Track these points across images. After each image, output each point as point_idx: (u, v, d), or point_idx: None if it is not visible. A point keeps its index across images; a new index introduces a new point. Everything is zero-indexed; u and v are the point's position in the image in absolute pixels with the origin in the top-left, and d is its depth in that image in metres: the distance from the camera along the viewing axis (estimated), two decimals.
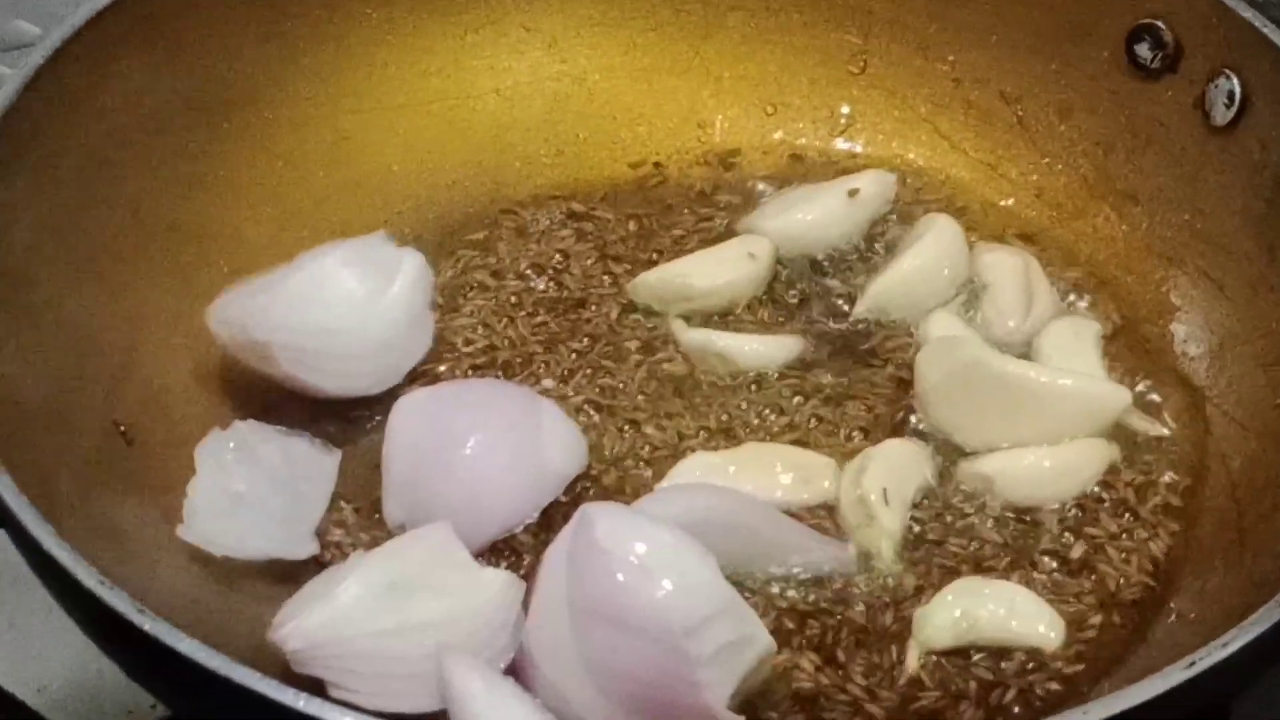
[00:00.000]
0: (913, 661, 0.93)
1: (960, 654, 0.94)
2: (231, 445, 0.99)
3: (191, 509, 0.96)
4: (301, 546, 0.96)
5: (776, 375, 1.07)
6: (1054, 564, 0.98)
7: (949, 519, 1.00)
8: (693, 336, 1.08)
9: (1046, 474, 1.01)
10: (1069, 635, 0.94)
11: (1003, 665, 0.93)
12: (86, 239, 1.00)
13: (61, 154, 0.99)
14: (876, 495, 0.98)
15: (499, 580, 0.90)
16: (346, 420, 1.04)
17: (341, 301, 1.02)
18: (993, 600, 0.94)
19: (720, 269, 1.11)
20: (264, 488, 0.98)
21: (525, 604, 0.89)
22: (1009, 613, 0.94)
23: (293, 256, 1.05)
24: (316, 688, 0.85)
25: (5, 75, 0.98)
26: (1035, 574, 0.97)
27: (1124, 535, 1.00)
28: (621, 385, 1.06)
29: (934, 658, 0.93)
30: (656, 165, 1.21)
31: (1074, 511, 1.00)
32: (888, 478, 0.99)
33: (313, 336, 1.01)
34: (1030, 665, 0.93)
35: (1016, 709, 0.91)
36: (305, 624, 0.86)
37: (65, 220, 0.99)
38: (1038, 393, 1.02)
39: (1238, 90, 1.06)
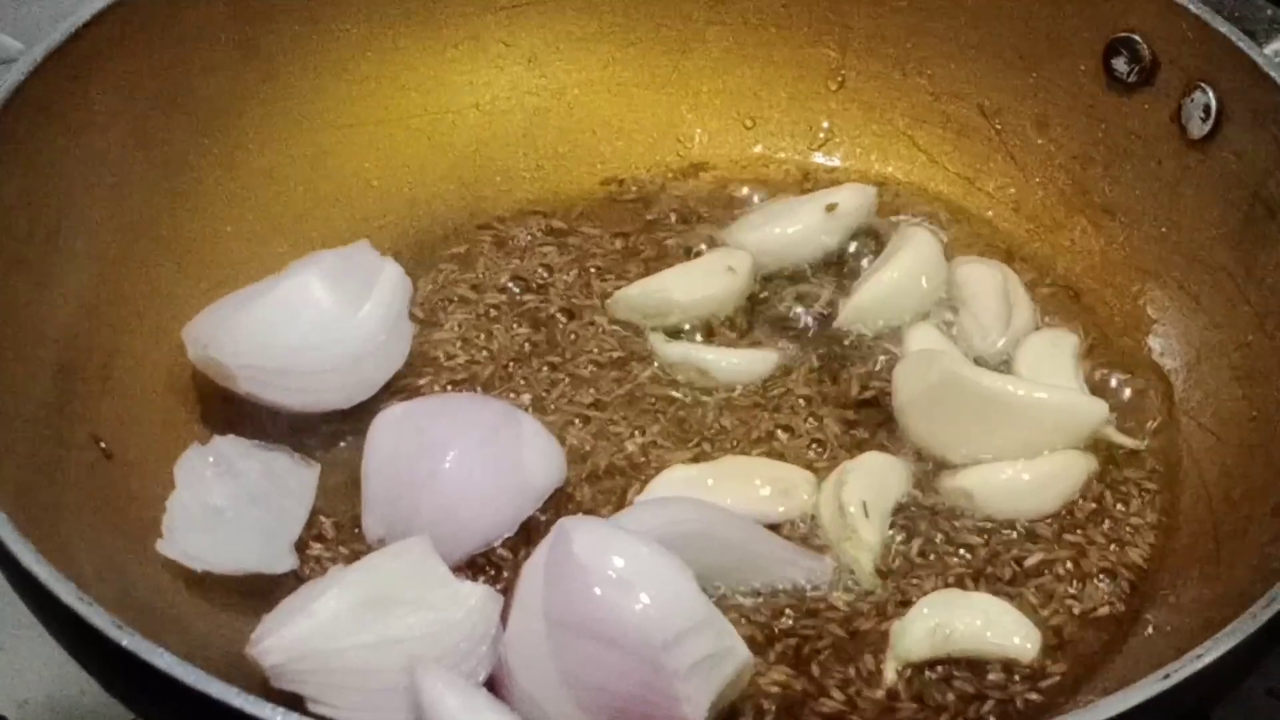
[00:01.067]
0: (890, 674, 0.93)
1: (939, 666, 0.94)
2: (211, 460, 0.99)
3: (171, 524, 0.96)
4: (281, 561, 0.96)
5: (755, 388, 1.07)
6: (1031, 576, 0.98)
7: (927, 532, 1.00)
8: (672, 350, 1.09)
9: (1025, 487, 1.01)
10: (1045, 647, 0.94)
11: (980, 677, 0.93)
12: (66, 252, 1.00)
13: (40, 168, 0.99)
14: (856, 508, 0.98)
15: (477, 594, 0.90)
16: (326, 435, 1.04)
17: (312, 318, 1.02)
18: (969, 612, 0.95)
19: (699, 283, 1.11)
20: (243, 502, 0.98)
21: (503, 618, 0.89)
22: (985, 624, 0.94)
23: (273, 271, 1.05)
24: (295, 702, 0.85)
25: None
26: (1012, 586, 0.98)
27: (1101, 547, 1.00)
28: (601, 399, 1.07)
29: (912, 670, 0.94)
30: (635, 179, 1.21)
31: (1051, 524, 1.01)
32: (867, 491, 0.99)
33: (275, 356, 1.01)
34: (1007, 677, 0.93)
35: (995, 718, 0.92)
36: (283, 639, 0.86)
37: (45, 233, 0.99)
38: (1015, 406, 1.02)
39: (1214, 104, 1.07)
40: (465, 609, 0.89)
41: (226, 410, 1.02)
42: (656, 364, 1.08)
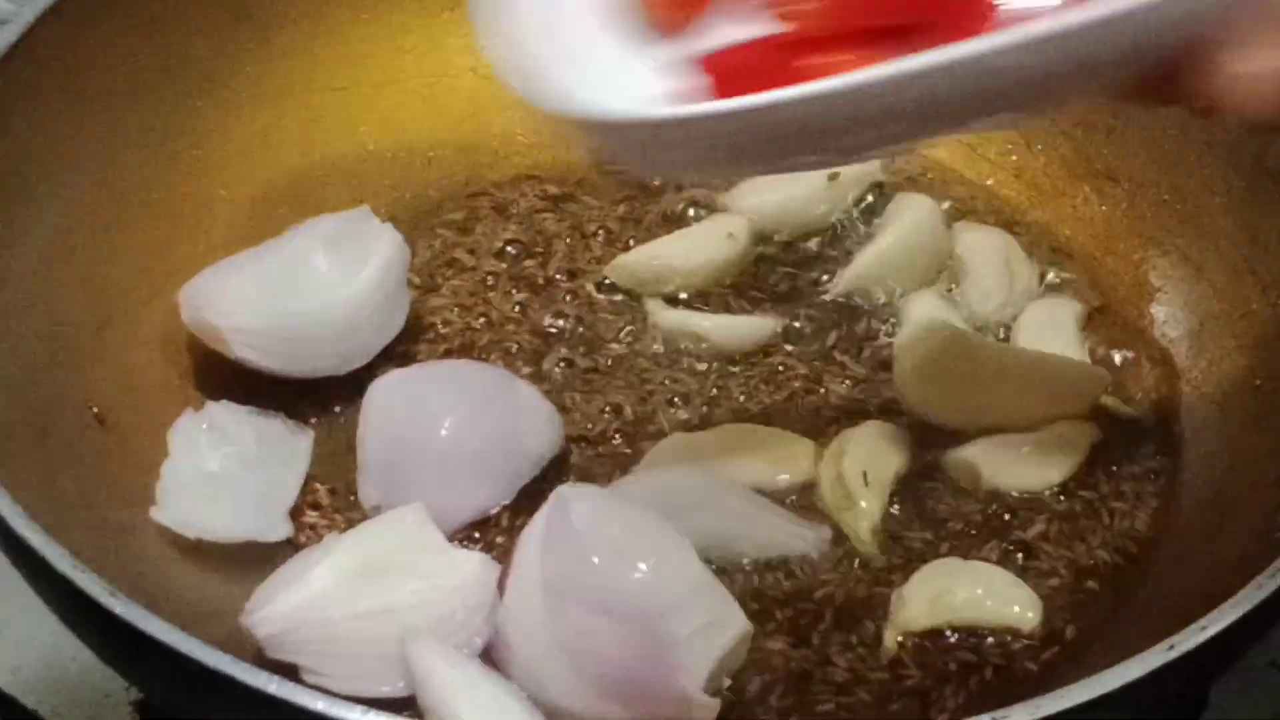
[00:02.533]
0: (891, 643, 0.93)
1: (940, 635, 0.93)
2: (205, 426, 0.98)
3: (165, 490, 0.95)
4: (275, 529, 0.96)
5: (755, 356, 1.07)
6: (1032, 545, 0.98)
7: (928, 501, 0.99)
8: (670, 317, 1.08)
9: (1027, 458, 1.00)
10: (1047, 616, 0.94)
11: (981, 646, 0.93)
12: (58, 216, 0.99)
13: (33, 131, 0.99)
14: (856, 477, 0.98)
15: (473, 562, 0.89)
16: (321, 401, 1.03)
17: (309, 283, 1.02)
18: (969, 581, 0.94)
19: (698, 249, 1.11)
20: (237, 469, 0.97)
21: (500, 586, 0.89)
22: (986, 593, 0.94)
23: (268, 235, 1.05)
24: (290, 671, 0.85)
25: None
26: (1013, 555, 0.97)
27: (1103, 517, 0.99)
28: (599, 366, 1.06)
29: (914, 639, 0.93)
30: None
31: (1053, 493, 1.00)
32: (867, 460, 0.99)
33: (270, 320, 1.00)
34: (1009, 645, 0.93)
35: (997, 688, 0.91)
36: (277, 609, 0.85)
37: (37, 197, 0.98)
38: (1017, 375, 1.02)
39: None
40: (461, 577, 0.88)
41: (221, 376, 1.02)
42: (655, 331, 1.08)
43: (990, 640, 0.93)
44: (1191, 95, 0.70)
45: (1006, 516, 0.99)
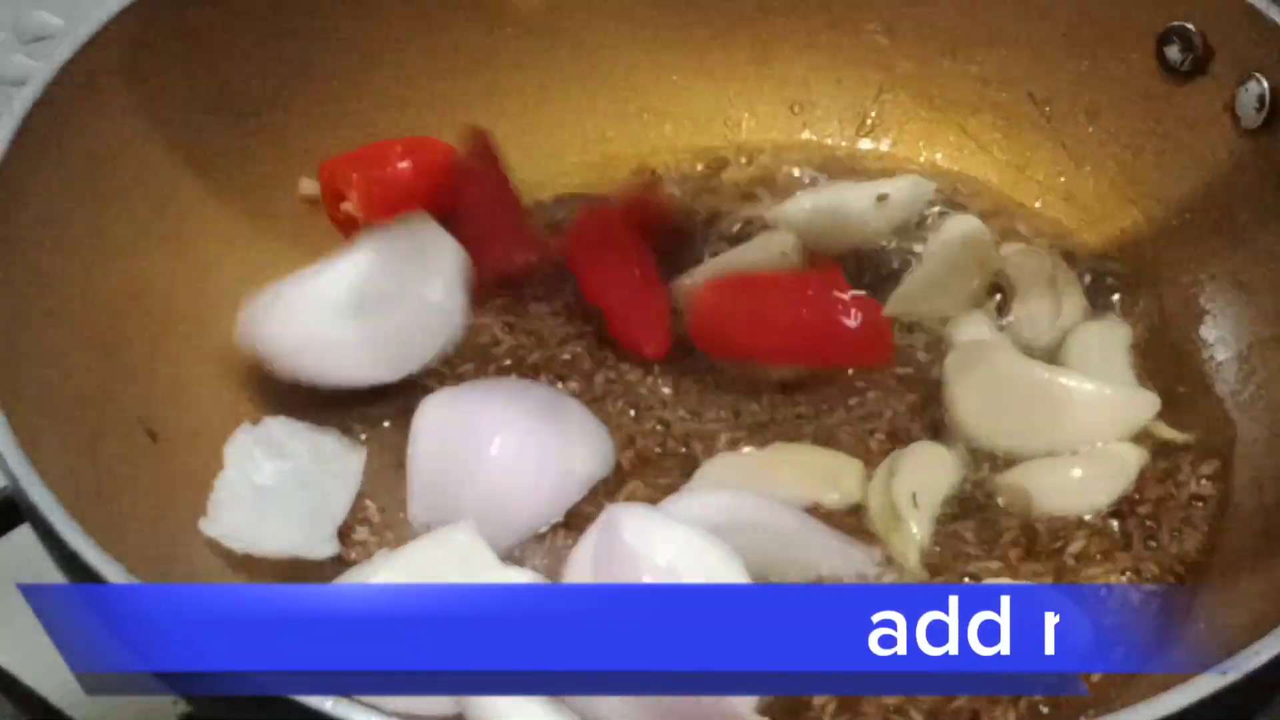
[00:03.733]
0: None
1: None
2: (261, 441, 0.99)
3: (217, 503, 0.96)
4: (323, 546, 0.96)
5: (804, 376, 1.06)
6: (1080, 568, 0.97)
7: (976, 524, 0.99)
8: None
9: (1077, 483, 1.00)
10: (1096, 639, 0.94)
11: None
12: (112, 235, 1.00)
13: (88, 150, 0.99)
14: (905, 499, 0.97)
15: (524, 581, 0.89)
16: (370, 418, 1.03)
17: (361, 290, 1.02)
18: None
19: (752, 268, 1.10)
20: (291, 484, 0.97)
21: None
22: None
23: (319, 255, 1.05)
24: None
25: (32, 69, 0.98)
26: (1061, 578, 0.97)
27: (1151, 540, 0.99)
28: (649, 385, 1.06)
29: None
30: (682, 164, 1.20)
31: (1101, 516, 1.00)
32: (917, 481, 0.99)
33: (314, 332, 1.01)
34: None
35: (1046, 709, 0.91)
36: None
37: (91, 216, 0.99)
38: (1066, 398, 1.01)
39: (1268, 94, 1.06)
40: None
41: (274, 390, 1.02)
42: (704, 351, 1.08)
43: None
44: None
45: (1055, 539, 0.98)
